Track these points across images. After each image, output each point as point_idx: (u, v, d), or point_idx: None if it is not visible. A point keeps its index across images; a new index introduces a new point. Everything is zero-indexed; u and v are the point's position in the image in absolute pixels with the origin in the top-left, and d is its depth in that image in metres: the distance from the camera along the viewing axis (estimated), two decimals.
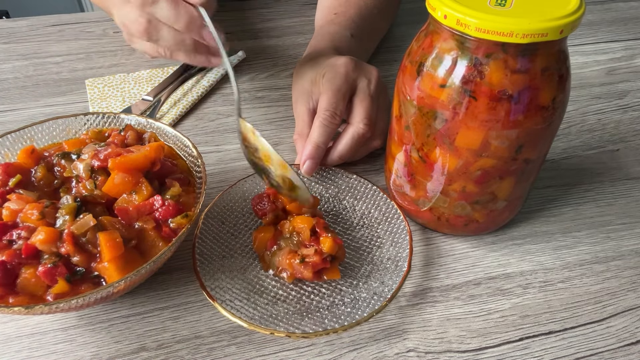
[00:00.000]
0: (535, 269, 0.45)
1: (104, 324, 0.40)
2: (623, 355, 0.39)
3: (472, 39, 0.34)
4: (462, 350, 0.39)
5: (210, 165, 0.55)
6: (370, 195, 0.49)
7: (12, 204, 0.38)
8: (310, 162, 0.48)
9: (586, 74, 0.72)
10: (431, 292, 0.43)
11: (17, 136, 0.45)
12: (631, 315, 0.42)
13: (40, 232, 0.35)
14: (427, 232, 0.48)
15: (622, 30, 0.82)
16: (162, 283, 0.43)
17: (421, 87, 0.38)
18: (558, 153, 0.58)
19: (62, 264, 0.35)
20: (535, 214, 0.50)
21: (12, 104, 0.63)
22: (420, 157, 0.41)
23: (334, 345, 0.39)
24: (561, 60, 0.36)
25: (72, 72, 0.69)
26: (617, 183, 0.54)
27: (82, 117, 0.48)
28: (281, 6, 0.87)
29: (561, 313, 0.42)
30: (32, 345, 0.39)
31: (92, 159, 0.39)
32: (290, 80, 0.68)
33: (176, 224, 0.39)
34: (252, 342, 0.39)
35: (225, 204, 0.48)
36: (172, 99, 0.63)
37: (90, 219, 0.36)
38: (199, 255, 0.42)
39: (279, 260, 0.41)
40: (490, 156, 0.38)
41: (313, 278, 0.40)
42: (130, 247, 0.37)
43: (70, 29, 0.78)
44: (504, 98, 0.35)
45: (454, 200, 0.42)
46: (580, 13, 0.33)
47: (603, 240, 0.48)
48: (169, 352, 0.38)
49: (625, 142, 0.59)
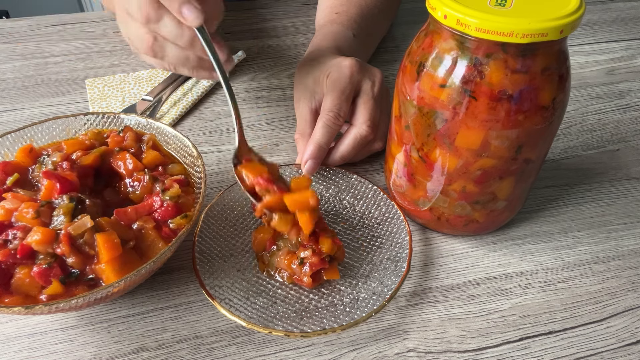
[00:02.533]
0: (535, 269, 0.45)
1: (104, 324, 0.40)
2: (623, 355, 0.39)
3: (472, 39, 0.34)
4: (462, 350, 0.39)
5: (210, 165, 0.55)
6: (370, 195, 0.49)
7: (7, 203, 0.38)
8: (312, 162, 0.48)
9: (586, 74, 0.72)
10: (431, 292, 0.43)
11: (17, 136, 0.45)
12: (631, 315, 0.42)
13: (36, 232, 0.35)
14: (427, 232, 0.48)
15: (622, 30, 0.82)
16: (162, 283, 0.43)
17: (421, 87, 0.38)
18: (558, 153, 0.58)
19: (57, 265, 0.35)
20: (535, 214, 0.50)
21: (12, 104, 0.63)
22: (420, 157, 0.41)
23: (334, 345, 0.39)
24: (561, 60, 0.36)
25: (72, 72, 0.69)
26: (617, 183, 0.54)
27: (82, 117, 0.48)
28: (281, 6, 0.87)
29: (561, 313, 0.42)
30: (32, 345, 0.39)
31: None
32: (291, 80, 0.68)
33: (176, 224, 0.39)
34: (252, 342, 0.39)
35: (225, 203, 0.48)
36: (172, 99, 0.63)
37: (88, 220, 0.36)
38: (198, 254, 0.42)
39: (277, 261, 0.42)
40: (490, 156, 0.38)
41: (312, 285, 0.40)
42: (128, 248, 0.37)
43: (70, 29, 0.78)
44: (504, 98, 0.35)
45: (454, 200, 0.42)
46: (580, 13, 0.33)
47: (603, 240, 0.48)
48: (169, 352, 0.38)
49: (625, 142, 0.59)
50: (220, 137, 0.59)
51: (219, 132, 0.59)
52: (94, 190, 0.42)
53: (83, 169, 0.42)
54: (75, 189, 0.40)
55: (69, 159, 0.42)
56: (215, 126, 0.60)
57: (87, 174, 0.42)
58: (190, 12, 0.42)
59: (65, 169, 0.40)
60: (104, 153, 0.43)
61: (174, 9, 0.42)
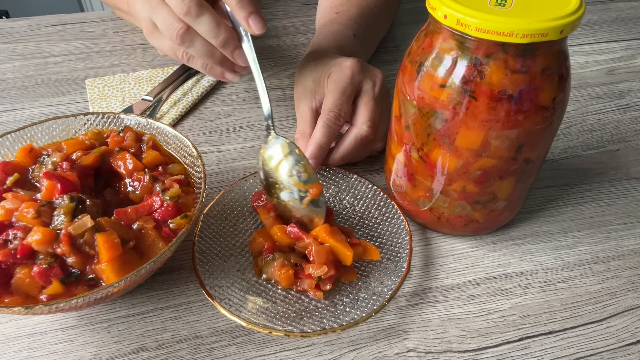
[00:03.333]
0: (535, 269, 0.45)
1: (104, 324, 0.40)
2: (623, 355, 0.39)
3: (472, 39, 0.34)
4: (462, 350, 0.39)
5: (210, 165, 0.55)
6: (370, 195, 0.49)
7: (7, 203, 0.38)
8: (312, 162, 0.48)
9: (586, 74, 0.72)
10: (431, 292, 0.43)
11: (17, 136, 0.45)
12: (631, 315, 0.42)
13: (36, 232, 0.35)
14: (427, 232, 0.48)
15: (622, 30, 0.82)
16: (162, 283, 0.43)
17: (421, 87, 0.38)
18: (558, 153, 0.58)
19: (57, 265, 0.35)
20: (535, 214, 0.50)
21: (12, 104, 0.63)
22: (420, 157, 0.41)
23: (334, 345, 0.39)
24: (561, 60, 0.36)
25: (72, 72, 0.69)
26: (617, 183, 0.54)
27: (82, 117, 0.48)
28: (281, 6, 0.87)
29: (561, 313, 0.42)
30: (32, 345, 0.39)
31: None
32: (291, 80, 0.68)
33: (176, 224, 0.39)
34: (252, 342, 0.39)
35: (225, 203, 0.48)
36: (172, 99, 0.63)
37: (88, 220, 0.36)
38: (198, 254, 0.42)
39: (271, 271, 0.41)
40: (490, 156, 0.38)
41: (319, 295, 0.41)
42: (128, 248, 0.37)
43: (70, 29, 0.78)
44: (504, 98, 0.35)
45: (454, 200, 0.42)
46: (580, 13, 0.33)
47: (603, 240, 0.48)
48: (169, 352, 0.38)
49: (625, 142, 0.59)
50: (220, 137, 0.59)
51: (219, 132, 0.59)
52: (94, 190, 0.42)
53: (83, 169, 0.42)
54: (76, 189, 0.40)
55: (69, 159, 0.42)
56: (215, 126, 0.60)
57: (87, 174, 0.42)
58: (256, 23, 0.45)
59: (65, 169, 0.40)
60: (104, 153, 0.43)
61: (241, 16, 0.45)
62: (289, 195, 0.44)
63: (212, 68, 0.50)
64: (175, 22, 0.46)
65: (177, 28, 0.46)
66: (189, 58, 0.49)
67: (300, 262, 0.41)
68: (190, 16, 0.45)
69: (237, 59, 0.48)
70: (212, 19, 0.45)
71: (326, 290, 0.40)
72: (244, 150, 0.57)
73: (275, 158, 0.45)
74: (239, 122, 0.61)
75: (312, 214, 0.43)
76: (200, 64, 0.50)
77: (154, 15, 0.47)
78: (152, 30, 0.49)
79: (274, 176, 0.45)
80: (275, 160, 0.45)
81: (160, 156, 0.45)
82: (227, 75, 0.51)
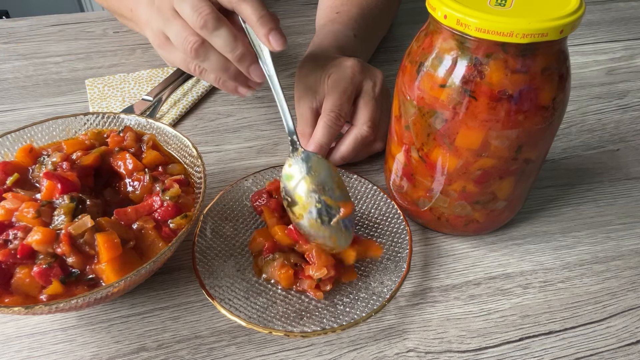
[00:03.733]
0: (535, 269, 0.45)
1: (104, 324, 0.40)
2: (623, 355, 0.39)
3: (472, 39, 0.34)
4: (462, 350, 0.39)
5: (210, 165, 0.55)
6: (370, 195, 0.49)
7: (7, 203, 0.38)
8: None
9: (586, 74, 0.72)
10: (431, 292, 0.43)
11: (17, 136, 0.45)
12: (631, 315, 0.42)
13: (36, 232, 0.35)
14: (427, 232, 0.48)
15: (622, 30, 0.82)
16: (162, 283, 0.43)
17: (421, 87, 0.38)
18: (558, 153, 0.58)
19: (57, 265, 0.35)
20: (535, 214, 0.50)
21: (12, 104, 0.63)
22: (420, 157, 0.41)
23: (334, 345, 0.39)
24: (561, 60, 0.36)
25: (72, 72, 0.69)
26: (617, 183, 0.54)
27: (82, 117, 0.48)
28: (281, 6, 0.87)
29: (561, 313, 0.42)
30: (32, 345, 0.39)
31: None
32: (291, 80, 0.68)
33: (176, 224, 0.39)
34: (252, 342, 0.39)
35: (225, 203, 0.48)
36: (172, 99, 0.63)
37: (88, 220, 0.36)
38: (198, 254, 0.42)
39: (271, 271, 0.41)
40: (490, 156, 0.38)
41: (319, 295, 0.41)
42: (128, 248, 0.37)
43: (70, 29, 0.79)
44: (504, 98, 0.35)
45: (454, 200, 0.42)
46: (580, 13, 0.33)
47: (603, 240, 0.48)
48: (169, 352, 0.38)
49: (625, 142, 0.59)
50: (220, 137, 0.59)
51: (219, 132, 0.59)
52: (94, 190, 0.42)
53: (83, 169, 0.42)
54: (76, 189, 0.40)
55: (69, 159, 0.42)
56: (215, 126, 0.60)
57: (87, 174, 0.42)
58: (277, 40, 0.44)
59: (65, 169, 0.40)
60: (104, 153, 0.43)
61: (262, 33, 0.44)
62: (316, 214, 0.41)
63: (226, 82, 0.49)
64: (190, 35, 0.44)
65: (192, 42, 0.44)
66: (202, 71, 0.48)
67: (300, 262, 0.41)
68: (206, 30, 0.44)
69: (252, 74, 0.47)
70: (230, 32, 0.44)
71: (326, 291, 0.40)
72: (244, 150, 0.57)
73: (302, 174, 0.43)
74: (239, 122, 0.61)
75: (339, 234, 0.41)
76: (213, 78, 0.49)
77: (167, 28, 0.46)
78: (163, 43, 0.48)
79: (301, 192, 0.42)
80: (299, 176, 0.43)
81: (160, 156, 0.45)
82: (240, 89, 0.50)
